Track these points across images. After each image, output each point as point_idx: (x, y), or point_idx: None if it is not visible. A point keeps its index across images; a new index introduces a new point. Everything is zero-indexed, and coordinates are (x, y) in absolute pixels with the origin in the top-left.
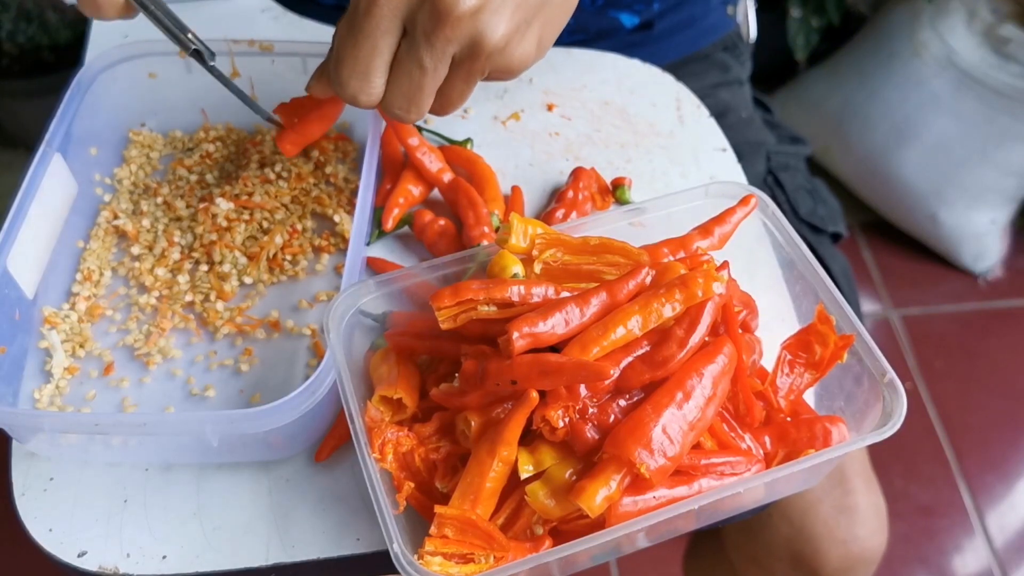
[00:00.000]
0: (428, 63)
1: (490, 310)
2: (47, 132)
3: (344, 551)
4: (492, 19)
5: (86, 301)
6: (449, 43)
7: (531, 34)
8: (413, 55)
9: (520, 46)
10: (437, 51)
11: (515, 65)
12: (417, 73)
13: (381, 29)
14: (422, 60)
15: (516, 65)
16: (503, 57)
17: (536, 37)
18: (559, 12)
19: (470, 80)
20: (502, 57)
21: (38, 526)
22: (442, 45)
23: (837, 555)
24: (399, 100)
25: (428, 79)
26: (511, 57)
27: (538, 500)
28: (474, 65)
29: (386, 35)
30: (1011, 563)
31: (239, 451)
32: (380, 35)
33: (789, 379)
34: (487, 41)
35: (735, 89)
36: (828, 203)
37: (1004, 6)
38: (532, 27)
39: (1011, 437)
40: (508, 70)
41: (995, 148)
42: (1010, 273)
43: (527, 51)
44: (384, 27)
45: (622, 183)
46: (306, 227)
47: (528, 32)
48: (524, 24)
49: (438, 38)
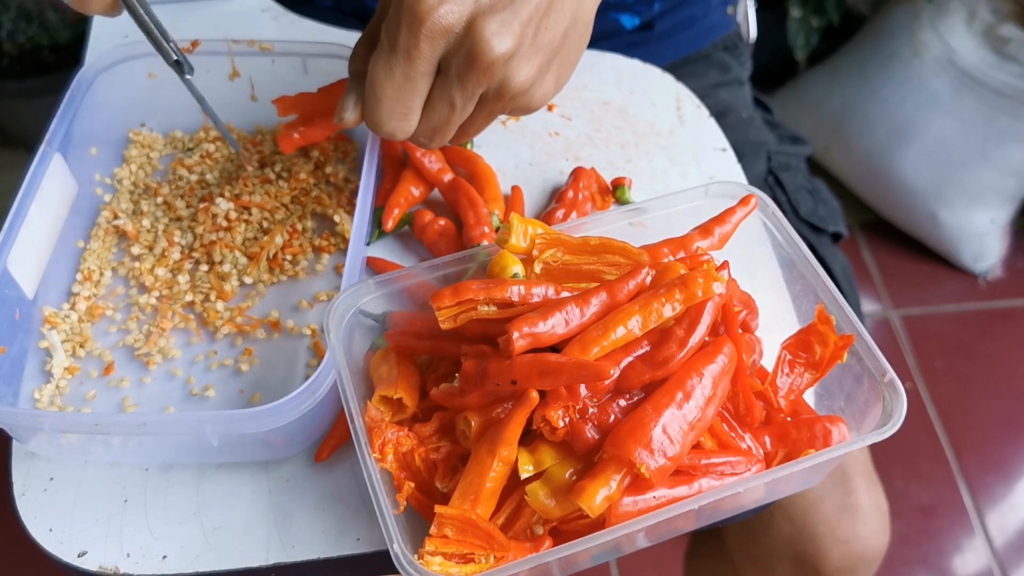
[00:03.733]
0: (459, 103)
1: (490, 310)
2: (47, 132)
3: (344, 551)
4: (521, 65)
5: (86, 301)
6: (480, 86)
7: (551, 75)
8: (445, 94)
9: (542, 87)
10: (468, 92)
11: (535, 104)
12: (447, 111)
13: (421, 72)
14: (453, 100)
15: (536, 104)
16: (526, 98)
17: (555, 77)
18: (574, 51)
19: (491, 117)
20: (525, 98)
21: (38, 526)
22: (473, 88)
23: (839, 554)
24: (426, 132)
25: (456, 116)
26: (533, 97)
27: (538, 500)
28: (497, 104)
29: (425, 77)
30: (1011, 563)
31: (239, 451)
32: (420, 77)
33: (789, 379)
34: (514, 84)
35: (735, 89)
36: (828, 203)
37: (1004, 6)
38: (552, 68)
39: (1011, 437)
40: (528, 109)
41: (995, 148)
42: (1010, 273)
43: (547, 91)
44: (423, 70)
45: (622, 183)
46: (306, 227)
47: (548, 73)
48: (546, 67)
49: (470, 81)
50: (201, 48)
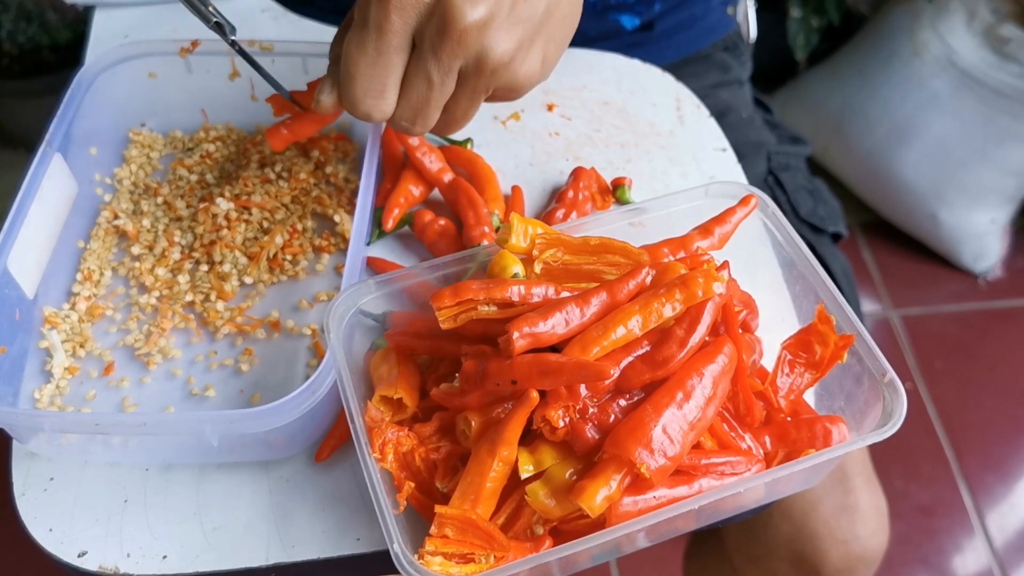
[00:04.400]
0: (436, 77)
1: (490, 310)
2: (47, 132)
3: (344, 551)
4: (497, 34)
5: (86, 301)
6: (456, 57)
7: (535, 51)
8: (421, 69)
9: (525, 63)
10: (444, 65)
11: (520, 82)
12: (425, 87)
13: (394, 46)
14: (430, 74)
15: (521, 82)
16: (508, 72)
17: (540, 54)
18: (561, 29)
19: (475, 97)
20: (507, 72)
21: (38, 526)
22: (448, 59)
23: (838, 554)
24: (407, 113)
25: (436, 93)
26: (516, 73)
27: (538, 500)
28: (479, 81)
29: (399, 51)
30: (1011, 563)
31: (239, 451)
32: (393, 52)
33: (789, 379)
34: (492, 56)
35: (735, 89)
36: (828, 203)
37: (1004, 6)
38: (536, 44)
39: (1011, 437)
40: (513, 87)
41: (995, 148)
42: (1010, 273)
43: (532, 68)
44: (396, 44)
45: (622, 183)
46: (306, 227)
47: (532, 49)
48: (528, 40)
49: (445, 51)
50: (201, 48)
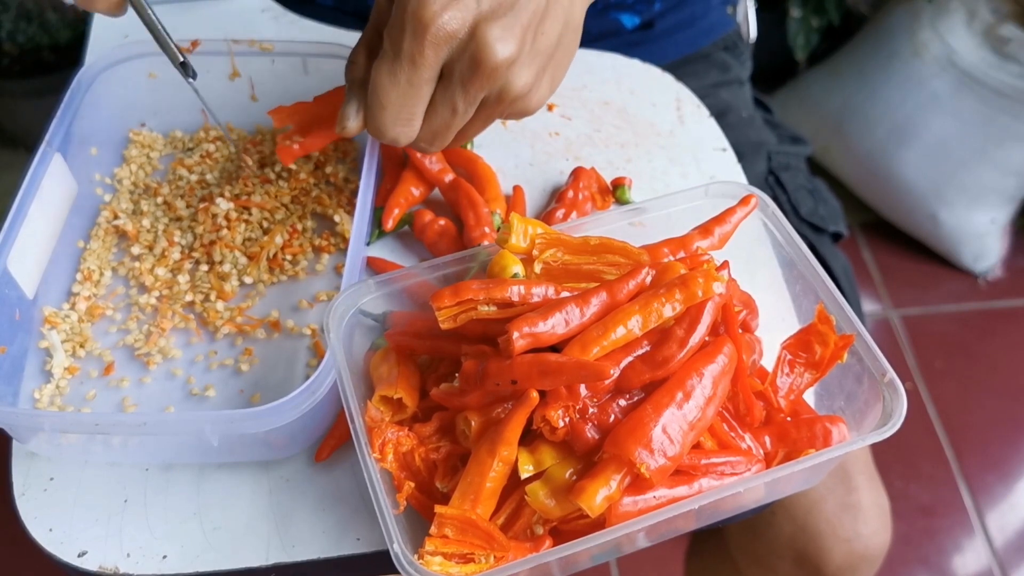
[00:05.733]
0: (461, 107)
1: (490, 310)
2: (47, 132)
3: (344, 551)
4: (521, 70)
5: (86, 301)
6: (482, 90)
7: (546, 79)
8: (448, 98)
9: (538, 92)
10: (471, 97)
11: (532, 108)
12: (449, 115)
13: (426, 78)
14: (456, 105)
15: (533, 108)
16: (524, 102)
17: (550, 81)
18: (567, 55)
19: (489, 121)
20: (523, 101)
21: (38, 526)
22: (476, 92)
23: (841, 553)
24: (427, 136)
25: (458, 120)
26: (530, 102)
27: (538, 500)
28: (497, 109)
29: (430, 83)
30: (1011, 563)
31: (239, 451)
32: (425, 84)
33: (789, 379)
34: (514, 89)
35: (735, 89)
36: (829, 203)
37: (1004, 6)
38: (548, 72)
39: (1011, 437)
40: (524, 113)
41: (995, 148)
42: (1010, 273)
43: (543, 95)
44: (428, 76)
45: (622, 183)
46: (306, 227)
47: (544, 77)
48: (542, 71)
49: (474, 86)
50: (201, 48)
